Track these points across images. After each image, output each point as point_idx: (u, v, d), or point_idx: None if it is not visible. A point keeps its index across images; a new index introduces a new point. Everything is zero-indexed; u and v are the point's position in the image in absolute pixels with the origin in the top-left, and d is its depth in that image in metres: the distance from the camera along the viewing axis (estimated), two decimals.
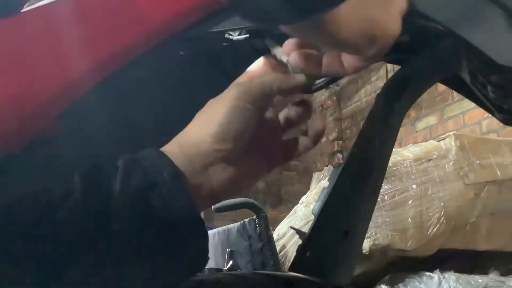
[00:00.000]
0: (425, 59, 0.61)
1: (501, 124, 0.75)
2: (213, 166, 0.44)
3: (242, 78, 0.49)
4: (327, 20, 0.35)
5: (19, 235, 0.37)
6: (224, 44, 0.60)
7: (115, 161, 0.42)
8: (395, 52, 0.69)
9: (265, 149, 0.50)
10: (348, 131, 5.20)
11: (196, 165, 0.43)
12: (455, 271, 2.26)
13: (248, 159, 0.47)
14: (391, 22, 0.40)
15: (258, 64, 0.50)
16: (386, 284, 2.34)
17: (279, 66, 0.49)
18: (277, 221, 3.00)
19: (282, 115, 0.51)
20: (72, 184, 0.40)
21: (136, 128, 0.67)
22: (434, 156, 2.45)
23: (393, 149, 0.65)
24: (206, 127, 0.44)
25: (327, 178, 0.58)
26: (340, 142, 5.24)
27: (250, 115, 0.44)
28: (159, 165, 0.41)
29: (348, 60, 0.43)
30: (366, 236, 1.20)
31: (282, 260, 2.46)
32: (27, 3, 0.57)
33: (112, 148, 0.64)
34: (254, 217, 2.15)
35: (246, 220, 2.16)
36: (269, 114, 0.51)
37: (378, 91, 0.61)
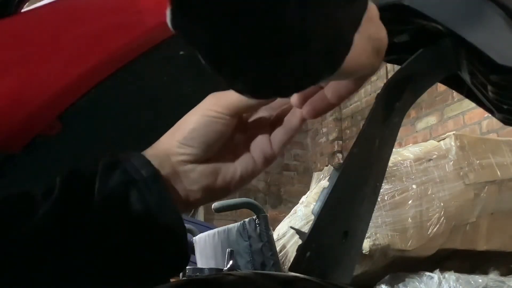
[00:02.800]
0: (425, 59, 0.61)
1: (501, 124, 0.75)
2: (181, 167, 0.47)
3: None
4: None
5: None
6: None
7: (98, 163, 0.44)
8: (395, 52, 0.69)
9: (246, 153, 0.50)
10: (348, 131, 5.20)
11: (165, 167, 0.46)
12: (455, 271, 2.26)
13: (225, 162, 0.49)
14: (382, 28, 0.40)
15: None
16: (386, 284, 2.34)
17: None
18: (277, 221, 3.00)
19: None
20: (54, 185, 0.42)
21: (135, 128, 0.67)
22: (434, 156, 2.45)
23: (393, 149, 0.65)
24: (176, 133, 0.48)
25: (327, 178, 0.58)
26: (340, 142, 5.24)
27: (220, 123, 0.46)
28: (138, 164, 0.44)
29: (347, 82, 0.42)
30: (366, 236, 1.20)
31: (282, 260, 2.46)
32: (27, 3, 0.57)
33: (111, 148, 0.64)
34: (254, 217, 2.14)
35: (246, 220, 2.16)
36: (258, 120, 0.51)
37: (378, 91, 0.61)
